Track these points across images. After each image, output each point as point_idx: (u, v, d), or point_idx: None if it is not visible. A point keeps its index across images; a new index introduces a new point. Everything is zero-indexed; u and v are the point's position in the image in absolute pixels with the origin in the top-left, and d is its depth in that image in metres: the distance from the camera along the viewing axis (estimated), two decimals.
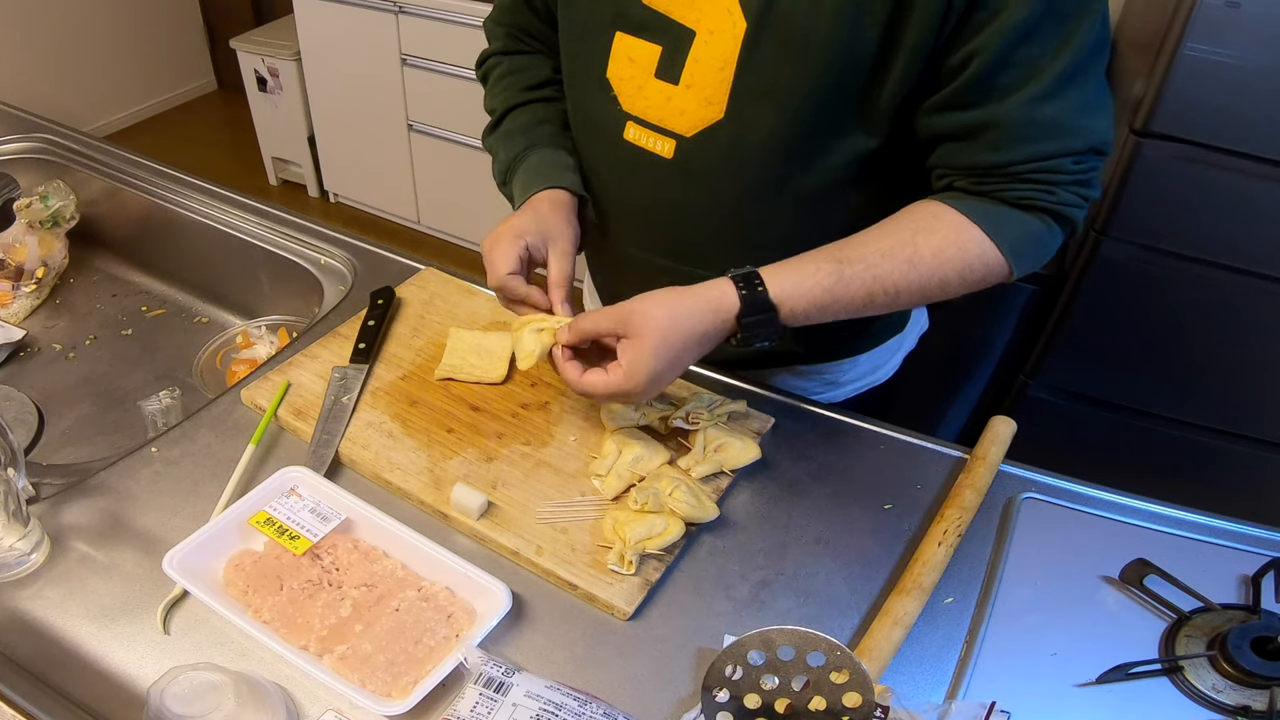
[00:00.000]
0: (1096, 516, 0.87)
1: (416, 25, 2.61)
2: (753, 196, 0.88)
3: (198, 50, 3.89)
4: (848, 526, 0.85)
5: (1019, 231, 0.80)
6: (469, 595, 0.76)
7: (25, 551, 0.76)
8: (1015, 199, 0.79)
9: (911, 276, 0.79)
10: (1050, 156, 0.77)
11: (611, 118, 0.90)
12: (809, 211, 0.88)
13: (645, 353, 0.77)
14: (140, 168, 1.32)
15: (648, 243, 0.97)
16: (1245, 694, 0.71)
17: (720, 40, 0.79)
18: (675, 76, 0.83)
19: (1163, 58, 1.49)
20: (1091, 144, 0.77)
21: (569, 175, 0.94)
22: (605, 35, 0.86)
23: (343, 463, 0.88)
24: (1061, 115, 0.75)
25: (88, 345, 1.24)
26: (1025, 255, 0.81)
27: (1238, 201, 1.57)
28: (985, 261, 0.80)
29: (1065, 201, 0.79)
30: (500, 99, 1.01)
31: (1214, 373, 1.77)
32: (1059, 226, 0.81)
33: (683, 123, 0.85)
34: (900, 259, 0.79)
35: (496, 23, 1.04)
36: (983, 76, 0.74)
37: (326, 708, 0.68)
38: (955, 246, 0.79)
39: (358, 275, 1.14)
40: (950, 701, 0.71)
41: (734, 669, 0.67)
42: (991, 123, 0.76)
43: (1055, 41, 0.72)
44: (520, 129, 0.98)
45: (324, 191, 3.31)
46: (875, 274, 0.79)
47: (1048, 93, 0.74)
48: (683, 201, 0.91)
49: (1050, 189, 0.78)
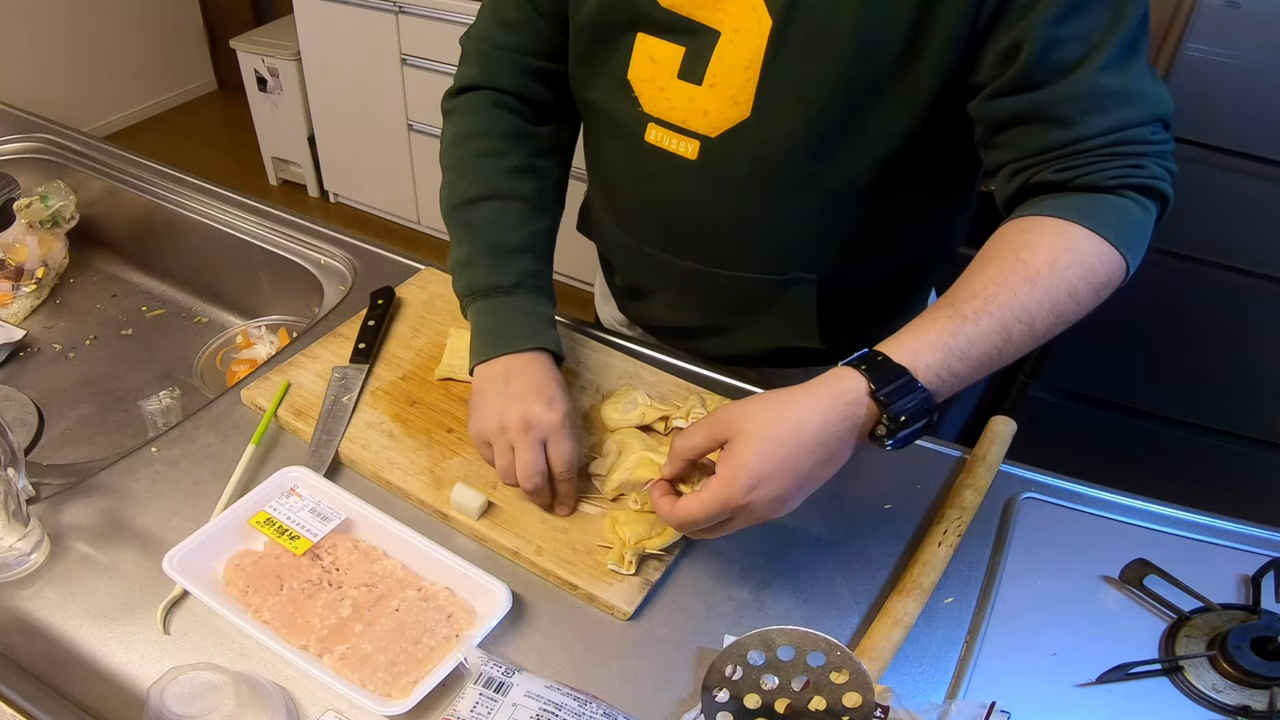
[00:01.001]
0: (1096, 516, 0.87)
1: (416, 25, 2.61)
2: (778, 195, 0.87)
3: (198, 50, 3.89)
4: (848, 526, 0.85)
5: (1119, 219, 0.74)
6: (469, 595, 0.76)
7: (25, 551, 0.76)
8: (1104, 180, 0.74)
9: (1037, 295, 0.69)
10: (1128, 126, 0.73)
11: (633, 120, 0.88)
12: (835, 209, 0.87)
13: (745, 452, 0.65)
14: (140, 168, 1.32)
15: (669, 243, 0.96)
16: (1245, 694, 0.71)
17: (745, 39, 0.79)
18: (699, 77, 0.82)
19: (1163, 58, 1.49)
20: (1162, 113, 0.75)
21: (553, 334, 0.87)
22: (625, 37, 0.85)
23: (343, 463, 0.88)
24: (1130, 83, 0.73)
25: (88, 345, 1.24)
26: (1134, 244, 0.74)
27: (1238, 201, 1.57)
28: (1102, 259, 0.72)
29: (1155, 175, 0.74)
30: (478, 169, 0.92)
31: (1214, 373, 1.77)
32: (1154, 205, 0.76)
33: (707, 123, 0.84)
34: (1016, 280, 0.70)
35: (498, 46, 0.94)
36: (1039, 57, 0.71)
37: (326, 708, 0.68)
38: (1067, 251, 0.71)
39: (358, 275, 1.14)
40: (950, 701, 0.71)
41: (734, 669, 0.67)
42: (1060, 99, 0.73)
43: (1107, 13, 0.71)
44: (503, 250, 0.89)
45: (324, 191, 3.31)
46: (999, 303, 0.69)
47: (1111, 62, 0.72)
48: (707, 202, 0.89)
49: (1138, 162, 0.74)
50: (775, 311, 0.97)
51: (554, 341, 0.87)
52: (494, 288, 0.87)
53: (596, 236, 1.11)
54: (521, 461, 0.79)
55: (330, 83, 2.94)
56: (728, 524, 0.69)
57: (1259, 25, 1.41)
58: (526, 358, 0.84)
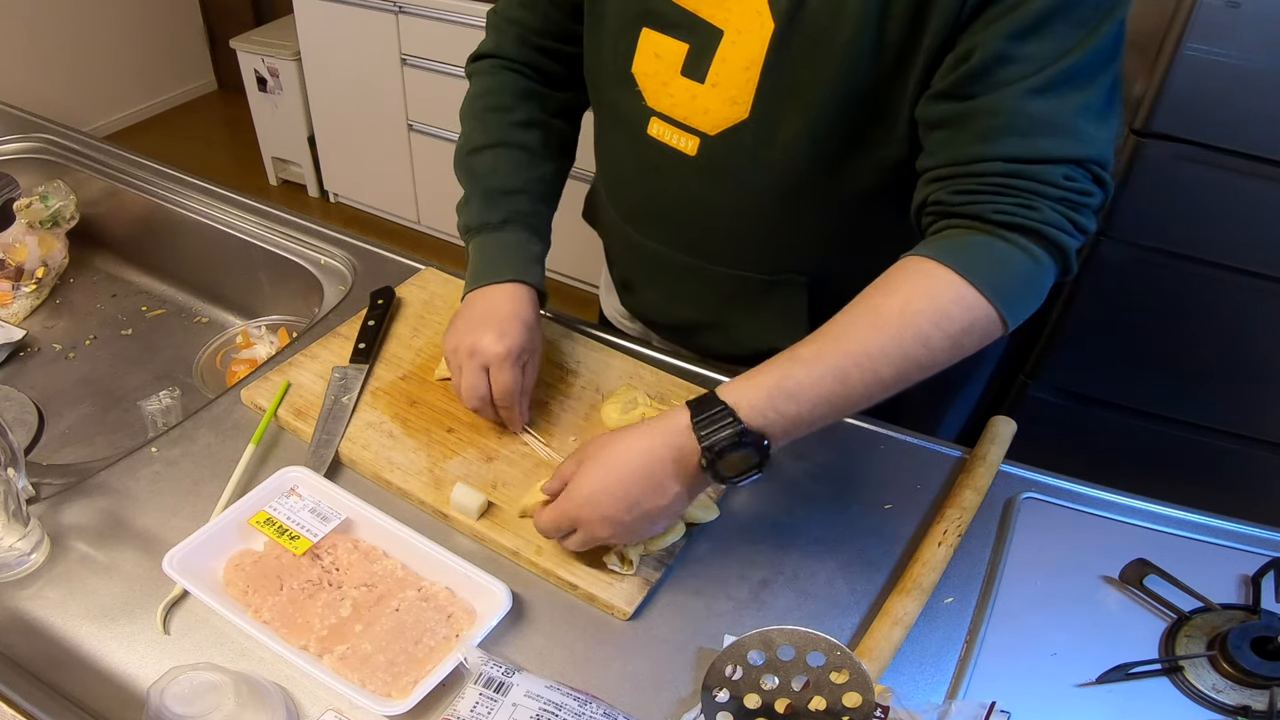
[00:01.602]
0: (1096, 516, 0.87)
1: (416, 25, 2.61)
2: (775, 197, 0.87)
3: (198, 50, 3.89)
4: (848, 526, 0.85)
5: (996, 266, 0.70)
6: (469, 595, 0.76)
7: (25, 551, 0.76)
8: (988, 214, 0.71)
9: (880, 340, 0.69)
10: (1035, 159, 0.69)
11: (636, 113, 0.89)
12: (828, 213, 0.88)
13: (580, 476, 0.73)
14: (140, 168, 1.32)
15: (669, 238, 0.97)
16: (1245, 694, 0.71)
17: (748, 40, 0.79)
18: (701, 75, 0.82)
19: (1163, 58, 1.49)
20: (1086, 155, 0.70)
21: (535, 269, 0.92)
22: (632, 31, 0.85)
23: (343, 463, 0.88)
24: (1057, 112, 0.69)
25: (88, 345, 1.24)
26: (1012, 295, 0.71)
27: (1238, 201, 1.57)
28: (964, 306, 0.70)
29: (1049, 221, 0.70)
30: (485, 123, 0.97)
31: (1214, 373, 1.77)
32: (1049, 257, 0.71)
33: (707, 121, 0.85)
34: (863, 325, 0.70)
35: (508, 20, 0.99)
36: (982, 68, 0.70)
37: (326, 708, 0.68)
38: (925, 296, 0.70)
39: (358, 275, 1.14)
40: (950, 701, 0.71)
41: (734, 669, 0.67)
42: (983, 111, 0.70)
43: (1066, 41, 0.68)
44: (497, 191, 0.94)
45: (324, 191, 3.31)
46: (837, 349, 0.70)
47: (1045, 86, 0.68)
48: (705, 199, 0.90)
49: (1031, 201, 0.70)
50: (766, 310, 0.97)
51: (534, 276, 0.91)
52: (484, 224, 0.93)
53: (600, 226, 1.12)
54: (464, 384, 0.87)
55: (330, 83, 2.94)
56: (575, 536, 0.75)
57: (1259, 25, 1.41)
58: (502, 289, 0.89)
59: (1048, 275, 0.73)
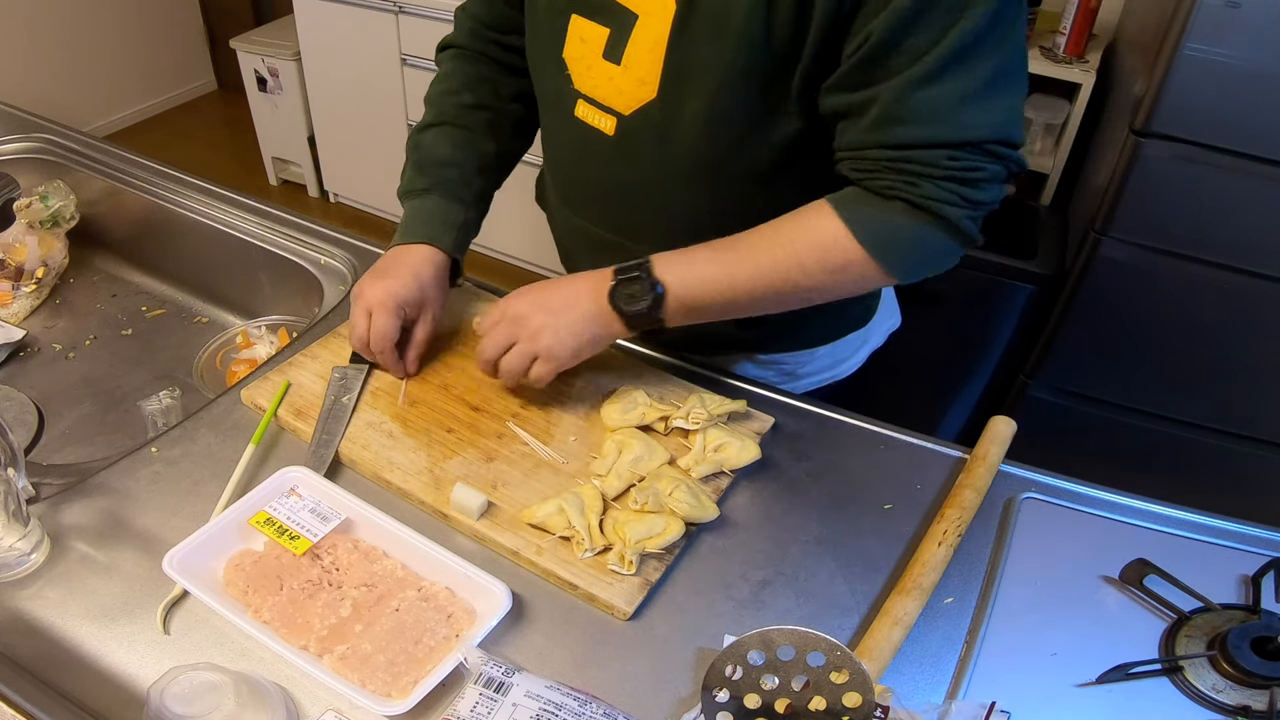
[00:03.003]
0: (1096, 516, 0.87)
1: (416, 25, 2.61)
2: (685, 176, 0.90)
3: (198, 50, 3.89)
4: (848, 526, 0.85)
5: (880, 224, 0.80)
6: (469, 595, 0.76)
7: (25, 551, 0.76)
8: (880, 189, 0.79)
9: (769, 257, 0.82)
10: (921, 145, 0.76)
11: (566, 95, 0.93)
12: (734, 194, 0.90)
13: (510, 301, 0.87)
14: (140, 168, 1.32)
15: (597, 217, 1.00)
16: (1245, 694, 0.71)
17: (654, 22, 0.82)
18: (618, 57, 0.86)
19: (1163, 58, 1.50)
20: (967, 138, 0.75)
21: (451, 234, 0.98)
22: (563, 17, 0.89)
23: (343, 463, 0.88)
24: (937, 102, 0.74)
25: (88, 345, 1.24)
26: (893, 251, 0.81)
27: (1238, 201, 1.58)
28: (841, 248, 0.80)
29: (931, 195, 0.77)
30: (434, 105, 1.04)
31: (1214, 373, 1.77)
32: (938, 228, 0.79)
33: (621, 101, 0.88)
34: (764, 240, 0.83)
35: (465, 13, 1.06)
36: (873, 57, 0.74)
37: (326, 708, 0.68)
38: (811, 231, 0.81)
39: (358, 275, 1.14)
40: (950, 701, 0.71)
41: (734, 669, 0.67)
42: (872, 102, 0.76)
43: (941, 28, 0.72)
44: (432, 162, 1.01)
45: (324, 191, 3.31)
46: (736, 254, 0.83)
47: (926, 77, 0.73)
48: (623, 178, 0.94)
49: (913, 180, 0.77)
50: None
51: (446, 241, 0.98)
52: (410, 190, 1.01)
53: (547, 208, 1.14)
54: (351, 327, 0.95)
55: (330, 83, 2.94)
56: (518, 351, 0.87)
57: (1259, 25, 1.41)
58: (411, 249, 0.97)
59: (938, 242, 0.80)
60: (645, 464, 0.86)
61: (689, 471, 0.87)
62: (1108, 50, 2.09)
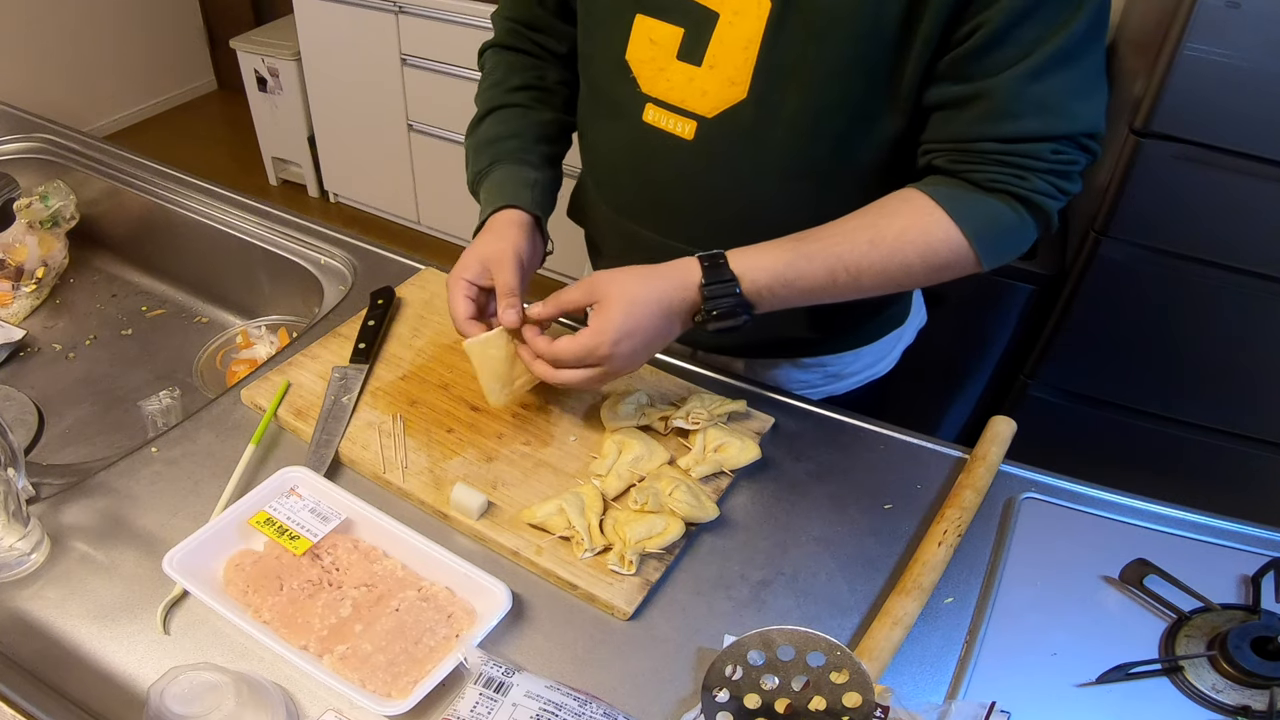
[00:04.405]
0: (1096, 516, 0.87)
1: (416, 25, 2.61)
2: (772, 178, 0.87)
3: (198, 50, 3.89)
4: (848, 526, 0.85)
5: (985, 217, 0.79)
6: (469, 595, 0.76)
7: (25, 551, 0.76)
8: (985, 181, 0.79)
9: (873, 256, 0.79)
10: (1030, 138, 0.76)
11: (631, 100, 0.90)
12: (828, 195, 0.87)
13: (615, 313, 0.79)
14: (140, 168, 1.32)
15: (665, 227, 0.97)
16: (1245, 694, 0.71)
17: (745, 21, 0.80)
18: (699, 58, 0.84)
19: (1163, 58, 1.49)
20: (1075, 130, 0.77)
21: (525, 193, 0.94)
22: (625, 17, 0.86)
23: (343, 463, 0.88)
24: (1049, 95, 0.75)
25: (88, 345, 1.24)
26: (993, 243, 0.80)
27: (1238, 201, 1.57)
28: (950, 246, 0.79)
29: (1037, 189, 0.78)
30: (482, 99, 1.02)
31: (1214, 373, 1.77)
32: (1031, 217, 0.80)
33: (704, 103, 0.85)
34: (861, 239, 0.80)
35: (502, 16, 1.04)
36: (982, 49, 0.74)
37: (326, 708, 0.68)
38: (918, 229, 0.79)
39: (358, 275, 1.14)
40: (950, 701, 0.71)
41: (734, 669, 0.67)
42: (982, 94, 0.76)
43: (1054, 22, 0.73)
44: (489, 141, 0.99)
45: (324, 191, 3.31)
46: (835, 252, 0.80)
47: (1038, 70, 0.74)
48: (701, 183, 0.91)
49: (1022, 174, 0.78)
50: None
51: (523, 199, 0.93)
52: (477, 175, 0.97)
53: (588, 223, 1.12)
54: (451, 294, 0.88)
55: (330, 83, 2.94)
56: (590, 375, 0.81)
57: (1259, 25, 1.41)
58: (486, 225, 0.92)
59: (1030, 231, 0.81)
60: (645, 464, 0.86)
61: (689, 471, 0.87)
62: (1108, 50, 2.09)
